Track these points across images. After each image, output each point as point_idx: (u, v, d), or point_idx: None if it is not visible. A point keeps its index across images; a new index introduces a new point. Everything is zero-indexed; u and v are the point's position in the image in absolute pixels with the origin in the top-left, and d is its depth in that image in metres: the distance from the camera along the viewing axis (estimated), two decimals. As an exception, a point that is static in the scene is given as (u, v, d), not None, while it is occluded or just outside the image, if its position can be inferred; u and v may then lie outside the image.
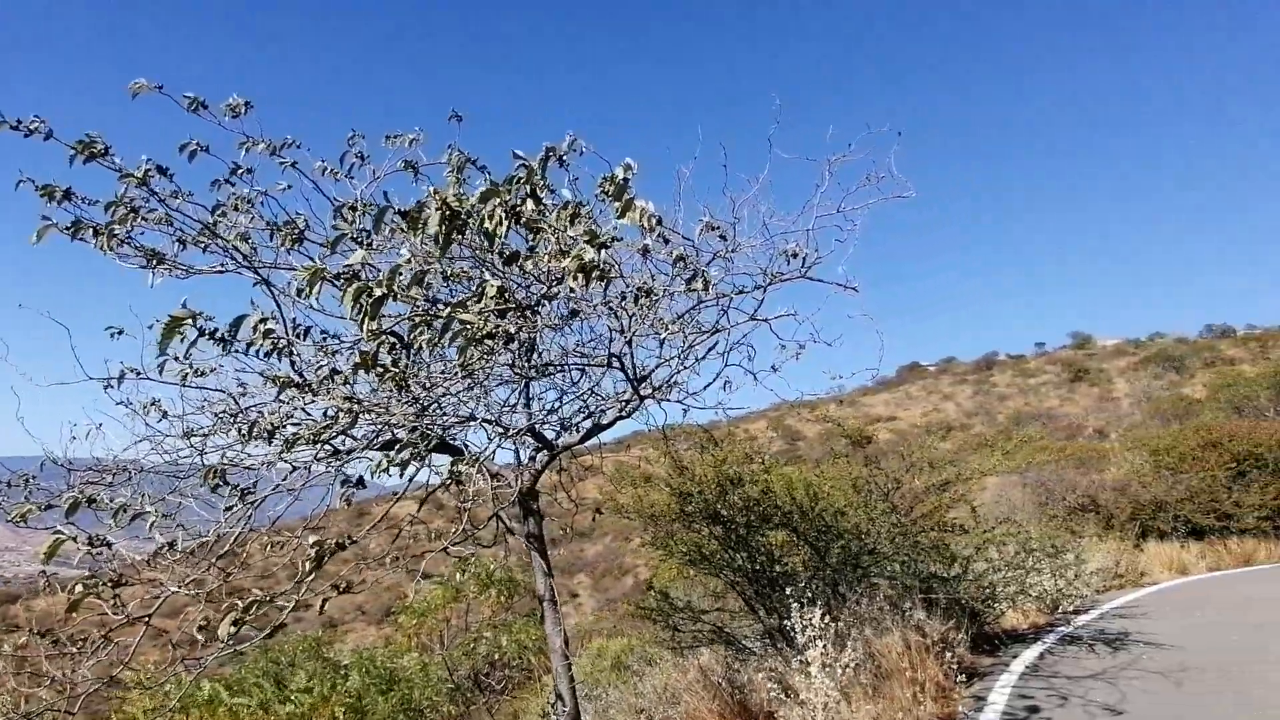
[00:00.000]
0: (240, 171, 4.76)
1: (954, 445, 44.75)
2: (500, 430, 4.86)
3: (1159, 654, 8.58)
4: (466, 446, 4.73)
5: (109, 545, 3.53)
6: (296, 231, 5.05)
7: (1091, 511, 18.10)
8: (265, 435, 4.05)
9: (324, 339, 5.03)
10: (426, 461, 4.34)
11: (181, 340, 4.15)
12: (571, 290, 3.45)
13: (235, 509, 3.89)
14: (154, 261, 4.96)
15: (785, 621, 7.16)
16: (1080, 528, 16.85)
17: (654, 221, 3.96)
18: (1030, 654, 9.07)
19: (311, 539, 3.38)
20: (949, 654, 7.78)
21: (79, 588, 3.44)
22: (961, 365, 76.72)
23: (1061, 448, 28.99)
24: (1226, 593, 12.96)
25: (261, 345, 3.71)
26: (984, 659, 9.09)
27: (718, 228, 4.87)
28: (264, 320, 3.46)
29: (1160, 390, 53.97)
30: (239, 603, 3.28)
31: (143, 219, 4.85)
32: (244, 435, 4.13)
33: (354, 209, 4.88)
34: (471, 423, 4.65)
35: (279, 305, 4.84)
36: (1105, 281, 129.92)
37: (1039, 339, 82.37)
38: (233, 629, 3.26)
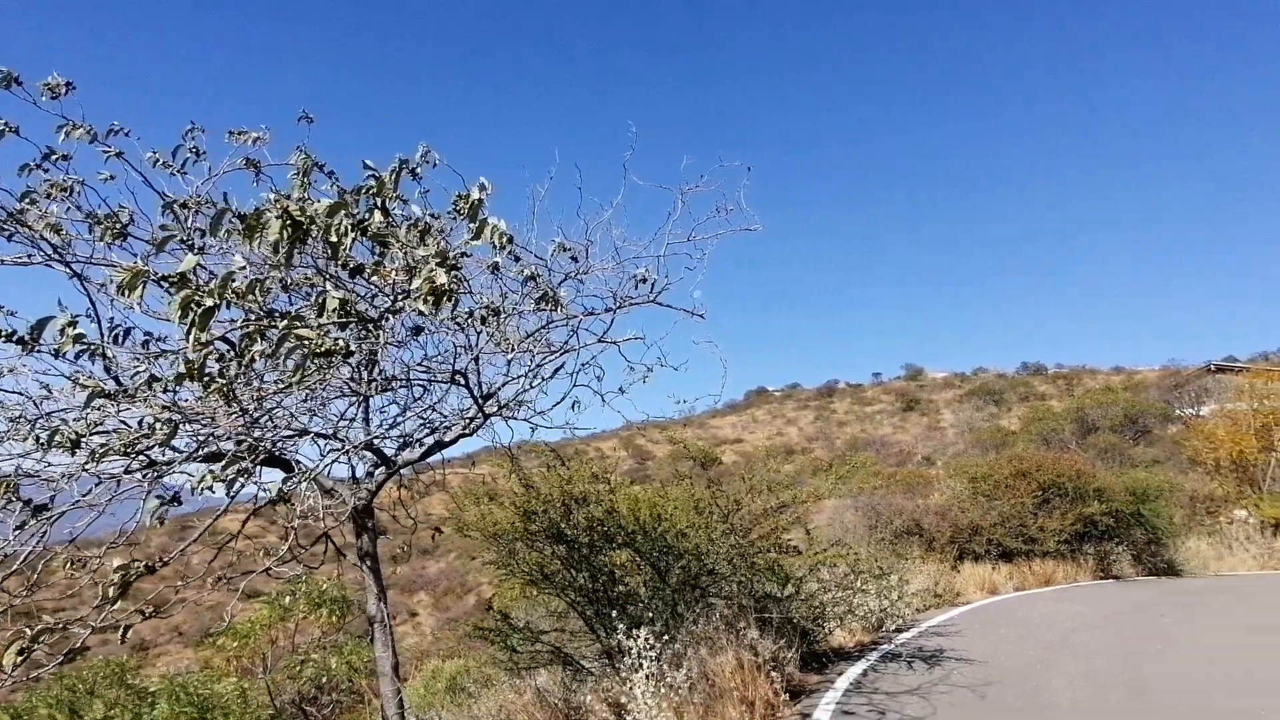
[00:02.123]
0: (55, 157, 4.39)
1: (795, 468, 46.69)
2: (337, 445, 4.67)
3: (967, 669, 9.25)
4: (298, 461, 4.51)
5: None
6: (119, 226, 4.71)
7: (916, 534, 19.24)
8: (68, 444, 3.72)
9: (146, 341, 4.71)
10: (254, 477, 4.11)
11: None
12: (420, 312, 3.37)
13: (28, 525, 3.54)
14: (-53, 247, 4.51)
15: (624, 641, 7.22)
16: (905, 550, 17.90)
17: (505, 240, 3.95)
18: (855, 671, 9.54)
19: (116, 563, 3.12)
20: (779, 672, 8.07)
21: None
22: (805, 391, 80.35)
23: (892, 474, 30.84)
24: (1028, 611, 14.11)
25: (70, 350, 3.42)
26: (812, 676, 9.48)
27: (570, 249, 4.91)
28: (73, 323, 3.19)
29: (981, 421, 58.25)
30: (26, 629, 2.99)
31: (-65, 200, 4.41)
32: (42, 444, 3.77)
33: (186, 206, 4.59)
34: (305, 436, 4.44)
35: (94, 303, 4.50)
36: (937, 315, 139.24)
37: (876, 369, 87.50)
38: (18, 658, 2.96)
